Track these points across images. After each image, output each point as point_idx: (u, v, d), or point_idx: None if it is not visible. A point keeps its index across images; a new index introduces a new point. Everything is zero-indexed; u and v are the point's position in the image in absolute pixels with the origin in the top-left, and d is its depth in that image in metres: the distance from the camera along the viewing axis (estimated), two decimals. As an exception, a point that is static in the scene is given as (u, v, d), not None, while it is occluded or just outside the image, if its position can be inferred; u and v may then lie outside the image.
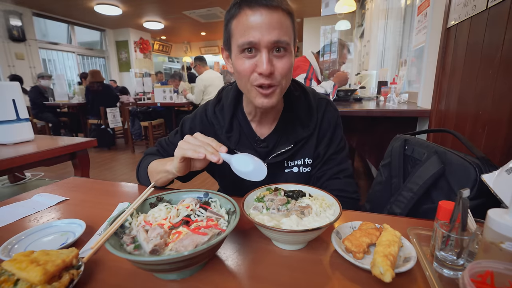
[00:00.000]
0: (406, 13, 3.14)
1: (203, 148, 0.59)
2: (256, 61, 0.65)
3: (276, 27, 0.62)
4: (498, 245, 0.38)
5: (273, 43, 0.63)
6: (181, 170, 0.67)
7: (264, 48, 0.63)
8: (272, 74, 0.65)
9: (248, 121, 0.83)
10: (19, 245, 0.55)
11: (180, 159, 0.63)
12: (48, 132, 5.18)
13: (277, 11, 0.62)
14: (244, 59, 0.66)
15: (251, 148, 0.81)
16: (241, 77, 0.69)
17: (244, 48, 0.64)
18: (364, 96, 3.13)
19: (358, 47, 6.35)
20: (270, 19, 0.61)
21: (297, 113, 0.81)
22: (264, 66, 0.63)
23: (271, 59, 0.65)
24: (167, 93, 4.53)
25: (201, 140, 0.62)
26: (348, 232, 0.55)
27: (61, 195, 0.82)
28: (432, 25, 1.71)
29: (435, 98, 1.58)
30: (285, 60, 0.66)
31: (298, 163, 0.83)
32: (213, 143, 0.61)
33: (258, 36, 0.62)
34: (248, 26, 0.62)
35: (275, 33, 0.62)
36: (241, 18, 0.63)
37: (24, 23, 6.26)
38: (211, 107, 0.85)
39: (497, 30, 0.98)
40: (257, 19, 0.61)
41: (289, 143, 0.79)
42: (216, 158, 0.57)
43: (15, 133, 1.47)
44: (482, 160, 0.68)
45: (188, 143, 0.62)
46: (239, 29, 0.64)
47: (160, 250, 0.44)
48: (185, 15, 7.29)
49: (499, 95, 0.95)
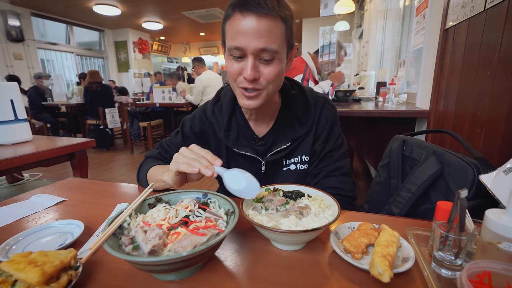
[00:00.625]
0: (404, 14, 3.15)
1: (198, 161, 0.57)
2: (243, 65, 0.66)
3: (263, 35, 0.62)
4: (495, 245, 0.38)
5: (259, 50, 0.63)
6: (177, 183, 0.66)
7: (251, 54, 0.64)
8: (256, 79, 0.66)
9: (246, 119, 0.83)
10: (17, 246, 0.55)
11: (175, 173, 0.62)
12: (46, 132, 5.16)
13: (267, 17, 0.62)
14: (233, 61, 0.67)
15: (249, 146, 0.82)
16: (230, 76, 0.71)
17: (232, 52, 0.66)
18: (363, 97, 3.14)
19: (357, 48, 6.36)
20: (258, 26, 0.61)
21: (294, 111, 0.82)
22: (248, 71, 0.64)
23: (257, 65, 0.66)
24: (166, 94, 4.53)
25: (196, 152, 0.60)
26: (346, 232, 0.55)
27: (60, 196, 0.81)
28: (430, 26, 1.72)
29: (433, 98, 1.58)
30: (272, 67, 0.66)
31: (296, 161, 0.83)
32: (208, 156, 0.59)
33: (245, 43, 0.62)
34: (237, 31, 0.63)
35: (262, 41, 0.62)
36: (232, 21, 0.64)
37: (23, 23, 6.24)
38: (210, 107, 0.86)
39: (494, 31, 0.98)
40: (246, 25, 0.62)
41: (286, 141, 0.79)
42: (211, 173, 0.56)
43: (13, 133, 1.46)
44: (480, 160, 0.68)
45: (183, 157, 0.60)
46: (230, 32, 0.65)
47: (158, 250, 0.44)
48: (184, 16, 7.29)
49: (497, 96, 0.96)
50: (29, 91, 5.10)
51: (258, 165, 0.83)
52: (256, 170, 0.83)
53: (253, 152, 0.81)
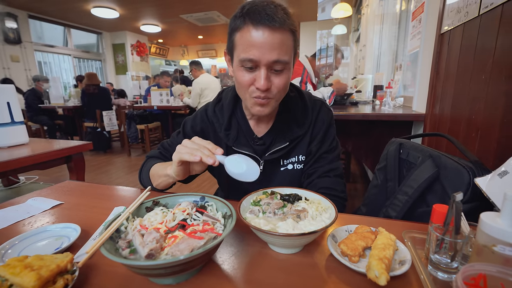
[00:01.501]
0: (401, 18, 3.18)
1: (199, 151, 0.60)
2: (255, 76, 0.68)
3: (276, 48, 0.64)
4: (490, 248, 0.39)
5: (272, 62, 0.65)
6: (180, 174, 0.68)
7: (264, 66, 0.66)
8: (268, 89, 0.69)
9: (247, 119, 0.86)
10: (12, 250, 0.55)
11: (178, 163, 0.64)
12: (43, 135, 5.13)
13: (280, 31, 0.64)
14: (244, 72, 0.69)
15: (248, 145, 0.84)
16: (241, 87, 0.72)
17: (244, 64, 0.67)
18: (360, 100, 3.16)
19: (354, 51, 6.41)
20: (272, 40, 0.63)
21: (293, 113, 0.84)
22: (262, 82, 0.66)
23: (269, 75, 0.68)
24: (164, 96, 4.52)
25: (198, 143, 0.63)
26: (343, 235, 0.56)
27: (56, 199, 0.81)
28: (426, 31, 1.74)
29: (429, 102, 1.60)
30: (282, 76, 0.69)
31: (293, 160, 0.85)
32: (209, 146, 0.62)
33: (258, 55, 0.64)
34: (250, 44, 0.64)
35: (275, 53, 0.64)
36: (244, 33, 0.65)
37: (20, 25, 6.22)
38: (211, 107, 0.88)
39: (489, 36, 1.00)
40: (259, 38, 0.63)
41: (285, 141, 0.81)
42: (212, 161, 0.58)
43: (9, 136, 1.45)
44: (475, 163, 0.69)
45: (186, 147, 0.63)
46: (242, 44, 0.66)
47: (155, 254, 0.44)
48: (182, 19, 7.31)
49: (491, 100, 0.97)
50: (27, 93, 5.07)
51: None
52: None
53: (252, 151, 0.82)
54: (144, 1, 5.96)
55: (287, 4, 6.13)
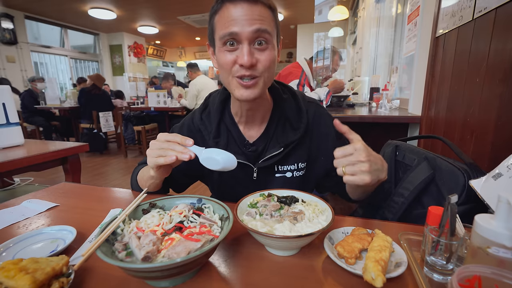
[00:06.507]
0: (397, 21, 3.22)
1: (171, 150, 0.59)
2: (238, 54, 0.66)
3: (257, 19, 0.63)
4: (485, 250, 0.39)
5: (254, 32, 0.63)
6: (162, 175, 0.67)
7: (245, 39, 0.64)
8: (253, 66, 0.66)
9: (236, 124, 0.82)
10: (7, 253, 0.54)
11: (156, 168, 0.63)
12: (38, 136, 5.08)
13: (258, 5, 0.64)
14: (226, 52, 0.67)
15: (239, 152, 0.79)
16: (223, 70, 0.69)
17: (226, 41, 0.65)
18: (357, 102, 3.18)
19: (351, 53, 6.46)
20: (251, 12, 0.63)
21: (286, 115, 0.80)
22: (245, 57, 0.64)
23: (253, 51, 0.65)
24: (161, 98, 4.51)
25: (165, 140, 0.61)
26: (340, 237, 0.56)
27: (51, 201, 0.80)
28: (421, 34, 1.76)
29: (425, 104, 1.61)
30: (267, 52, 0.67)
31: (292, 168, 0.81)
32: (177, 138, 0.61)
33: (239, 28, 0.63)
34: (229, 19, 0.63)
35: (257, 23, 0.63)
36: (223, 12, 0.65)
37: (16, 26, 6.18)
38: (198, 114, 0.84)
39: (483, 40, 1.01)
40: (238, 12, 0.63)
41: (279, 146, 0.77)
42: (188, 156, 0.58)
43: (4, 137, 1.44)
44: (470, 166, 0.70)
45: (156, 150, 0.61)
46: (221, 23, 0.65)
47: (152, 257, 0.44)
48: (179, 20, 7.32)
49: (485, 103, 0.98)
50: (23, 94, 5.03)
51: (249, 172, 0.80)
52: (247, 177, 0.81)
53: (244, 158, 0.78)
54: (141, 2, 5.96)
55: (284, 6, 6.18)
